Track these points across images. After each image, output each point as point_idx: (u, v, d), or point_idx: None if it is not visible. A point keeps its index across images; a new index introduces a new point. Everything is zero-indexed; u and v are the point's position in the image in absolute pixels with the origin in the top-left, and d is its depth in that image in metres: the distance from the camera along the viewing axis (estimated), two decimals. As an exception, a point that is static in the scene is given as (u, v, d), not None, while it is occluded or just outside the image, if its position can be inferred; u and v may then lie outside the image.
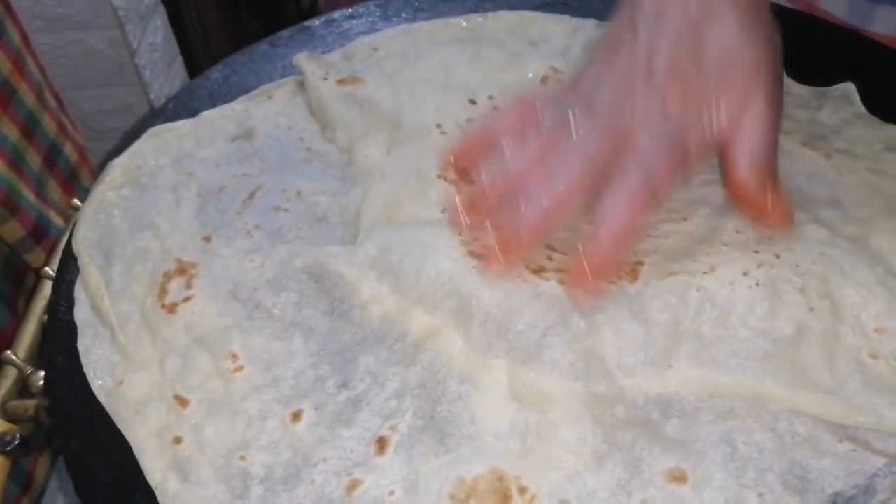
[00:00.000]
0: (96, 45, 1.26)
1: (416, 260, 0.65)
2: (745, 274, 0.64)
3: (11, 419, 0.68)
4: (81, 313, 0.65)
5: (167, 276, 0.67)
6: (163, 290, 0.66)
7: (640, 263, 0.65)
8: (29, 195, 0.99)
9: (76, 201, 0.97)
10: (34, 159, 1.05)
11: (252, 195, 0.73)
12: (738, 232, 0.67)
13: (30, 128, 1.04)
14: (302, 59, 0.84)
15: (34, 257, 0.98)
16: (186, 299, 0.65)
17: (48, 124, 1.08)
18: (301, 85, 0.84)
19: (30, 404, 0.68)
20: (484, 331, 0.61)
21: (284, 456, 0.57)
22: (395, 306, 0.64)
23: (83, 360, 0.62)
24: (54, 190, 1.09)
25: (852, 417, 0.57)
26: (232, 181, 0.75)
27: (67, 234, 0.74)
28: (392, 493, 0.55)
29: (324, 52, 0.88)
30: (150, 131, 0.78)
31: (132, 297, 0.66)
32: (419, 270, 0.64)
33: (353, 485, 0.55)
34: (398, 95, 0.80)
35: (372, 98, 0.80)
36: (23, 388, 0.70)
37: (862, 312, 0.62)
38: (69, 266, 0.70)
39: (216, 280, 0.67)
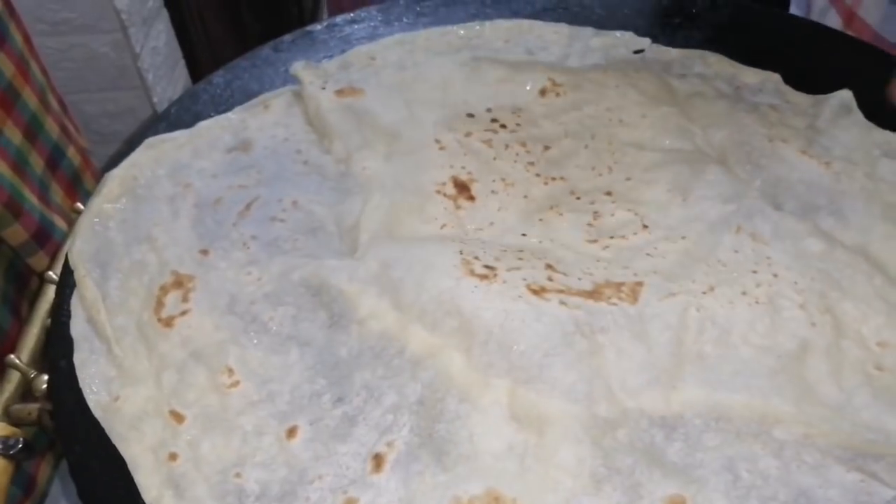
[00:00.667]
0: (99, 48, 1.26)
1: (416, 277, 0.64)
2: (743, 293, 0.64)
3: (14, 423, 0.67)
4: (78, 327, 0.65)
5: (164, 290, 0.66)
6: (159, 304, 0.65)
7: (640, 284, 0.65)
8: (32, 198, 0.98)
9: (79, 205, 0.96)
10: (37, 162, 1.05)
11: (248, 206, 0.73)
12: (735, 251, 0.67)
13: (33, 131, 1.04)
14: (299, 69, 0.84)
15: (37, 261, 0.98)
16: (183, 313, 0.65)
17: (51, 127, 1.07)
18: (298, 95, 0.83)
19: (33, 408, 0.68)
20: (485, 350, 0.60)
21: (280, 473, 0.57)
22: (394, 322, 0.63)
23: (79, 375, 0.62)
24: (57, 193, 1.08)
25: (861, 435, 0.56)
26: (228, 192, 0.74)
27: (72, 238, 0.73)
28: (388, 512, 0.54)
29: (325, 58, 0.88)
30: (147, 142, 0.78)
31: (129, 311, 0.66)
32: (420, 288, 0.64)
33: (349, 503, 0.55)
34: (397, 108, 0.80)
35: (370, 110, 0.80)
36: (26, 391, 0.69)
37: (862, 327, 0.62)
38: (72, 270, 0.69)
39: (213, 293, 0.66)
